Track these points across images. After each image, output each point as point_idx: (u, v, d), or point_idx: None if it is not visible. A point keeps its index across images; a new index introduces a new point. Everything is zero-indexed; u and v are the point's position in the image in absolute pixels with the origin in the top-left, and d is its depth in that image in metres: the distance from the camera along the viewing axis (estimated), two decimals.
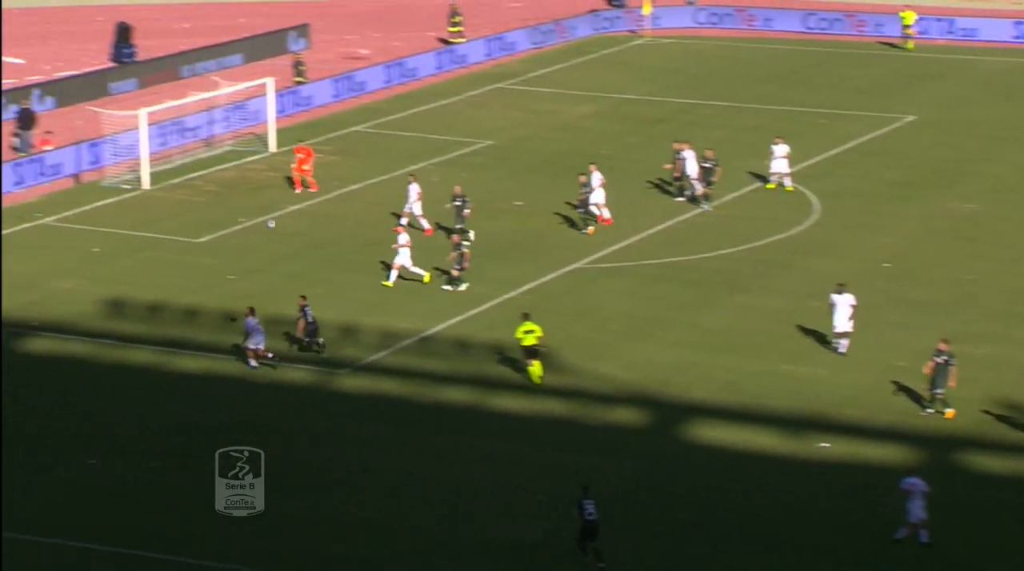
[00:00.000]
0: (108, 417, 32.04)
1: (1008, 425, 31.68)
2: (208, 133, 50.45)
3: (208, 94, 50.16)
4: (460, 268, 37.93)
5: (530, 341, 33.10)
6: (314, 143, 50.17)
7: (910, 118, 54.13)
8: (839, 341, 34.71)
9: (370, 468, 30.16)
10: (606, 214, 42.72)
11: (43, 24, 66.29)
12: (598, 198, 42.53)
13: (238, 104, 51.09)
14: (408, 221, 41.43)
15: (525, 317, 33.56)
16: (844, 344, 34.67)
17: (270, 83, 50.39)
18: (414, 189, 42.03)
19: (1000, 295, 38.32)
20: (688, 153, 44.87)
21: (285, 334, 34.96)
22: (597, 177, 42.66)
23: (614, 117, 54.35)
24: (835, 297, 34.75)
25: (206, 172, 47.90)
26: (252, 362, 33.77)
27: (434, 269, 38.88)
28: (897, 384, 33.37)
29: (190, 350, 34.95)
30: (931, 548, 27.45)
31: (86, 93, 54.00)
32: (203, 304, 36.36)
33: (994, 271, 39.87)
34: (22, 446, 30.74)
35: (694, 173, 44.63)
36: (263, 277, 39.24)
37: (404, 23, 67.76)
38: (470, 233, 39.46)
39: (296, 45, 61.45)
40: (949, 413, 32.06)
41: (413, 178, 42.65)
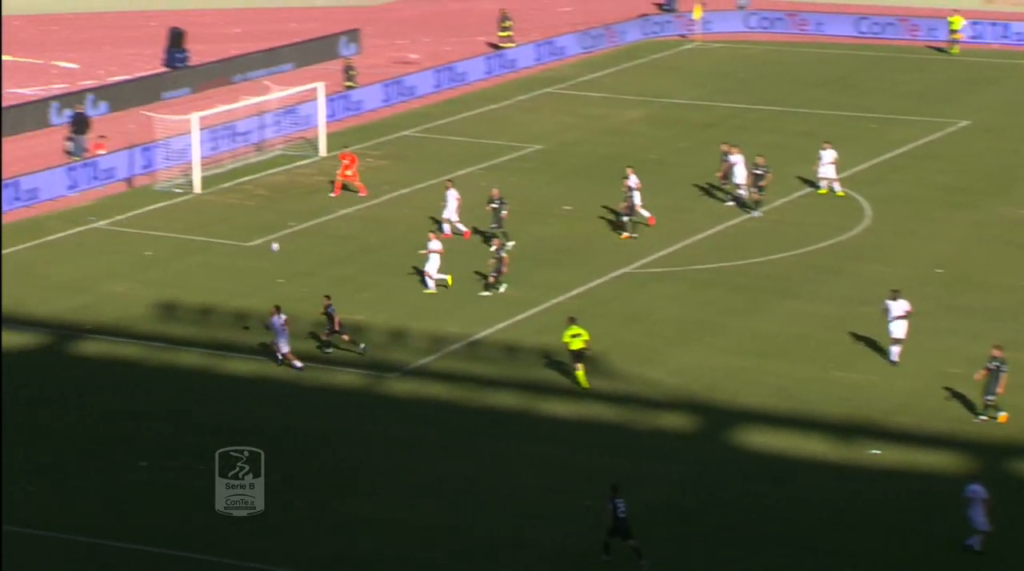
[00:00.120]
0: (157, 419, 32.27)
1: None
2: (259, 137, 50.74)
3: (259, 98, 50.46)
4: (496, 274, 37.93)
5: (577, 345, 33.09)
6: (364, 147, 50.42)
7: (964, 123, 53.68)
8: (892, 348, 34.43)
9: (418, 472, 30.21)
10: (645, 214, 42.62)
11: (97, 29, 66.93)
12: (636, 201, 42.44)
13: (289, 108, 51.37)
14: (451, 229, 41.58)
15: (571, 321, 33.54)
16: (896, 351, 34.39)
17: (321, 87, 50.63)
18: (452, 195, 42.05)
19: None
20: (737, 157, 44.70)
21: (310, 334, 35.08)
22: (634, 181, 42.62)
23: (664, 121, 54.22)
24: (889, 303, 34.47)
25: (257, 176, 48.18)
26: (297, 363, 33.90)
27: (474, 273, 38.95)
28: (950, 391, 33.08)
29: (240, 353, 35.15)
30: (982, 555, 27.18)
31: (139, 97, 54.46)
32: (253, 307, 36.54)
33: None
34: (75, 448, 31.02)
35: (742, 178, 44.46)
36: (313, 281, 39.40)
37: (454, 28, 67.92)
38: (510, 242, 39.51)
39: (347, 50, 61.71)
40: (1002, 417, 31.76)
41: (451, 184, 42.65)
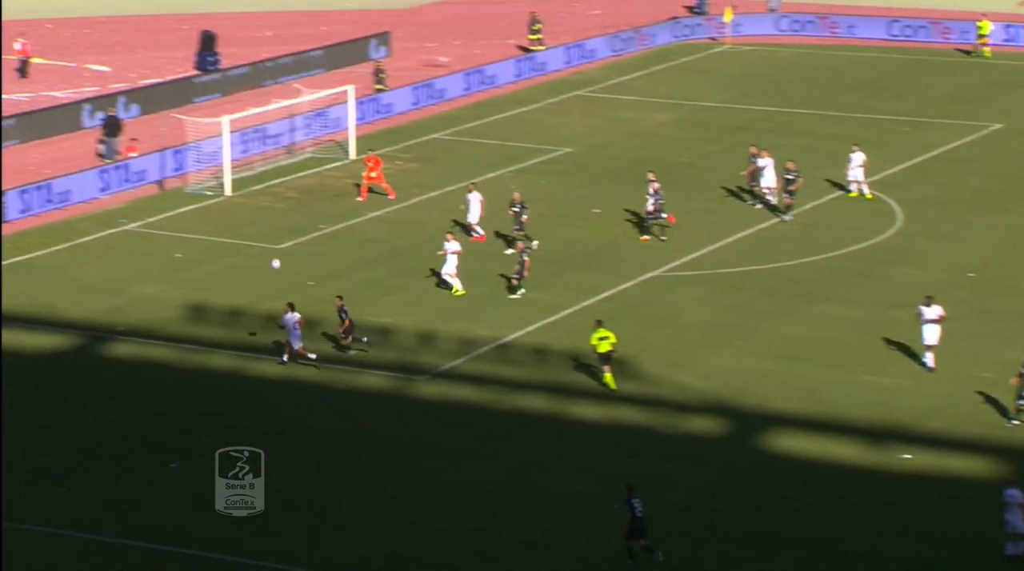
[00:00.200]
0: (187, 421, 32.38)
1: None
2: (289, 140, 50.88)
3: (290, 101, 50.59)
4: (519, 276, 37.93)
5: (605, 348, 33.06)
6: (393, 150, 50.51)
7: (996, 126, 53.35)
8: (926, 354, 34.21)
9: (447, 475, 30.21)
10: (663, 215, 42.67)
11: (129, 32, 67.25)
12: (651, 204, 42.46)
13: (319, 111, 51.49)
14: (478, 230, 41.71)
15: (599, 324, 33.50)
16: (931, 357, 34.16)
17: (351, 90, 50.72)
18: (475, 198, 42.05)
19: None
20: (767, 161, 44.55)
21: (324, 335, 35.12)
22: (656, 185, 42.59)
23: (693, 125, 54.10)
24: (923, 309, 34.21)
25: (287, 179, 48.30)
26: (311, 355, 34.04)
27: (500, 276, 38.95)
28: (982, 395, 32.86)
29: (269, 355, 35.23)
30: (1014, 562, 26.97)
31: (171, 100, 54.69)
32: (283, 310, 36.60)
33: None
34: (105, 449, 31.14)
35: (772, 182, 44.33)
36: (342, 283, 39.45)
37: (484, 31, 67.95)
38: (533, 242, 39.51)
39: (377, 53, 61.81)
40: None
41: (473, 186, 42.66)
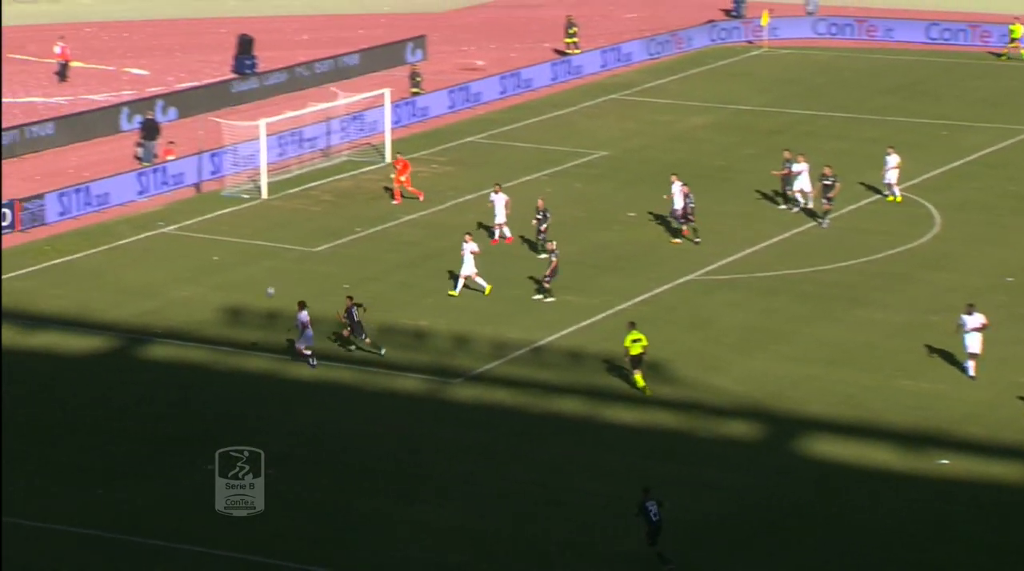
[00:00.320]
0: (223, 423, 32.48)
1: None
2: (325, 143, 51.04)
3: (326, 105, 50.74)
4: (549, 278, 37.90)
5: (637, 350, 33.05)
6: (429, 154, 50.59)
7: None
8: (968, 362, 33.94)
9: (481, 478, 30.20)
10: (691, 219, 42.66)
11: (167, 36, 67.62)
12: (677, 206, 42.33)
13: (355, 115, 51.61)
14: (498, 233, 41.68)
15: (631, 326, 33.46)
16: (972, 365, 33.89)
17: (387, 94, 50.82)
18: (500, 199, 42.02)
19: None
20: (802, 166, 44.35)
21: (331, 335, 35.14)
22: (678, 186, 42.47)
23: (730, 128, 53.93)
24: (965, 318, 33.92)
25: (323, 182, 48.43)
26: (307, 352, 34.26)
27: (528, 278, 38.94)
28: (1022, 400, 32.58)
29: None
30: None
31: (208, 104, 54.94)
32: (319, 313, 36.68)
33: None
34: (143, 451, 31.26)
35: (808, 187, 44.15)
36: (378, 286, 39.54)
37: (520, 34, 67.95)
38: (541, 254, 39.68)
39: (413, 56, 61.93)
40: None
41: (499, 188, 42.62)
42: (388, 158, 49.94)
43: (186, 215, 45.42)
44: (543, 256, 39.09)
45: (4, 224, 43.24)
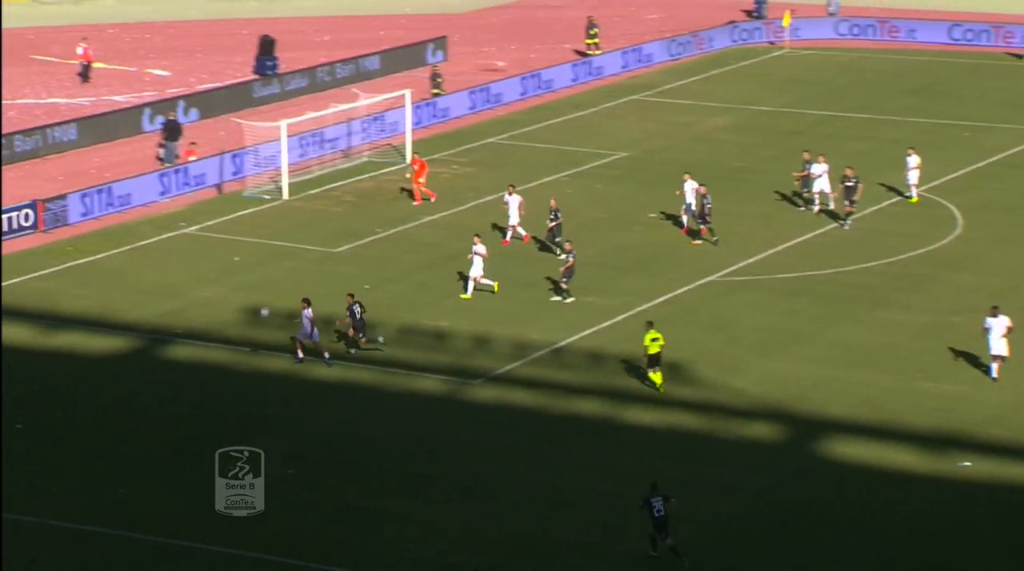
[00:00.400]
0: (244, 423, 32.56)
1: None
2: (346, 144, 51.13)
3: (347, 106, 50.83)
4: (567, 279, 37.89)
5: (655, 349, 33.06)
6: (450, 154, 50.63)
7: None
8: (992, 364, 33.79)
9: (500, 479, 30.21)
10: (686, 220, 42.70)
11: (189, 38, 67.81)
12: (689, 203, 42.37)
13: (376, 116, 51.69)
14: (511, 234, 41.71)
15: (649, 325, 33.45)
16: (995, 368, 33.73)
17: (407, 95, 50.87)
18: (514, 200, 42.01)
19: None
20: (821, 167, 44.24)
21: (335, 332, 35.12)
22: (691, 185, 42.38)
23: (750, 129, 53.84)
24: (990, 320, 33.77)
25: (344, 183, 48.52)
26: (299, 353, 34.36)
27: (546, 278, 38.93)
28: None
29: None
30: None
31: (229, 105, 55.08)
32: (340, 314, 36.74)
33: None
34: (165, 451, 31.35)
35: (827, 188, 44.06)
36: (398, 287, 39.60)
37: (541, 35, 67.94)
38: (561, 255, 39.68)
39: (434, 57, 61.97)
40: None
41: (512, 189, 42.58)
42: (409, 159, 49.99)
43: (208, 216, 45.54)
44: (561, 256, 39.06)
45: (27, 224, 43.48)
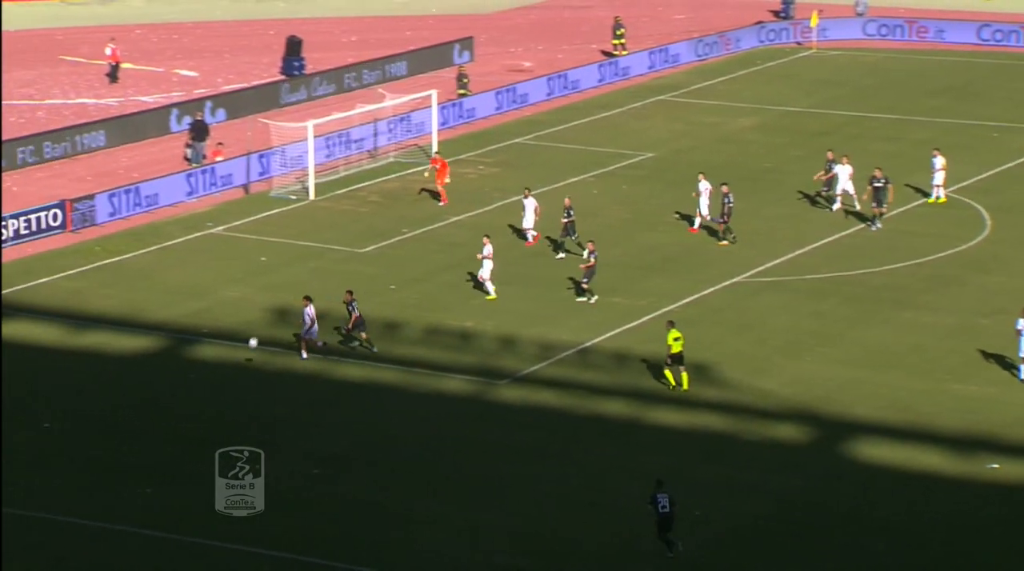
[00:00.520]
0: (267, 423, 32.64)
1: None
2: (373, 144, 51.20)
3: (373, 106, 50.90)
4: (587, 279, 37.85)
5: (677, 348, 33.10)
6: (476, 155, 50.64)
7: None
8: (1021, 367, 33.59)
9: (526, 479, 30.20)
10: (697, 222, 42.59)
11: (216, 38, 68.04)
12: (703, 205, 42.26)
13: (402, 116, 51.74)
14: (531, 236, 41.72)
15: (671, 325, 33.44)
16: None
17: (434, 95, 50.89)
18: (530, 203, 41.97)
19: None
20: (845, 168, 44.09)
21: (335, 329, 35.11)
22: (705, 185, 42.27)
23: (777, 129, 53.69)
24: (1022, 322, 33.55)
25: (370, 183, 48.59)
26: (303, 353, 34.41)
27: (568, 279, 38.91)
28: None
29: (352, 359, 35.44)
30: None
31: (256, 105, 55.22)
32: (365, 313, 36.80)
33: None
34: (190, 451, 31.44)
35: (851, 189, 43.93)
36: (424, 287, 39.64)
37: (568, 36, 67.91)
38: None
39: (460, 58, 61.99)
40: None
41: (528, 192, 42.51)
42: (429, 159, 50.02)
43: (234, 216, 45.68)
44: (584, 253, 38.97)
45: (55, 224, 43.70)
